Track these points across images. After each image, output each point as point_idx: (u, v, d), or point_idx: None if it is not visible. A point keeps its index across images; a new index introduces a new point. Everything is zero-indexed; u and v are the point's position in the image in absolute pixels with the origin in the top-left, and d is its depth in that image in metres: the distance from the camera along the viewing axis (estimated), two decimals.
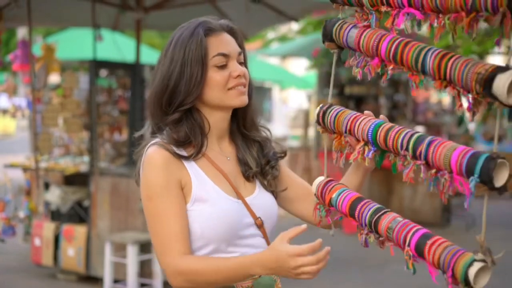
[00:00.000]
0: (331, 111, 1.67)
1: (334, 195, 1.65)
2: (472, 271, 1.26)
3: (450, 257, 1.31)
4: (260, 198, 1.77)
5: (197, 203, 1.66)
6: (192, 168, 1.69)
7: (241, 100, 1.73)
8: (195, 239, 1.66)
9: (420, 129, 10.57)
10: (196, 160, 1.71)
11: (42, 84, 6.45)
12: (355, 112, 1.63)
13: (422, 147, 1.37)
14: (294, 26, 12.55)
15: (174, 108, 1.70)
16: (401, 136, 1.44)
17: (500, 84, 1.21)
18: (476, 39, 6.75)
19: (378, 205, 1.56)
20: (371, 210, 1.54)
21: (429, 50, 1.38)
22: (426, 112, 10.58)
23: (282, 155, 1.87)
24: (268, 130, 1.90)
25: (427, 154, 1.36)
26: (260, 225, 1.73)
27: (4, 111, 12.52)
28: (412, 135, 1.42)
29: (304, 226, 1.54)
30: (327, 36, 1.66)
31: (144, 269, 5.48)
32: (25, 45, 6.28)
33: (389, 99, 9.84)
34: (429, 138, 1.39)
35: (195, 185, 1.67)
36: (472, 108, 1.28)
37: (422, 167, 1.39)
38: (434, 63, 1.34)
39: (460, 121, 12.35)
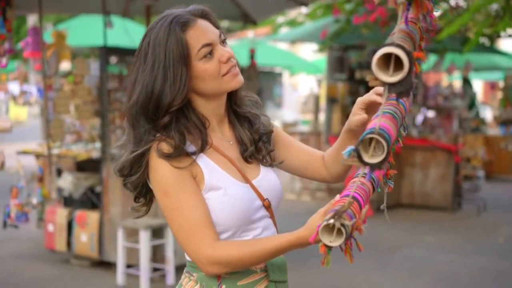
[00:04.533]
0: None
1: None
2: (320, 228, 1.35)
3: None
4: (266, 179, 1.77)
5: (211, 191, 1.66)
6: (201, 158, 1.69)
7: (237, 81, 1.72)
8: None
9: (431, 113, 10.54)
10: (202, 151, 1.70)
11: (53, 71, 6.48)
12: None
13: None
14: (303, 10, 12.49)
15: (163, 113, 1.65)
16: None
17: (373, 60, 1.20)
18: (488, 21, 6.70)
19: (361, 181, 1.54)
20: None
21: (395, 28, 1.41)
22: (437, 96, 10.53)
23: (269, 132, 1.84)
24: (256, 97, 1.89)
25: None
26: (268, 206, 1.75)
27: (15, 98, 12.57)
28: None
29: (336, 197, 1.48)
30: None
31: (157, 254, 5.52)
32: (36, 32, 6.29)
33: None
34: (382, 112, 1.39)
35: (206, 174, 1.67)
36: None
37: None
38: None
39: (471, 104, 12.30)
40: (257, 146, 1.80)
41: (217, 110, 1.76)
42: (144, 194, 1.76)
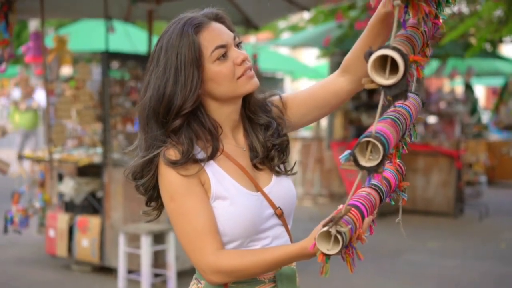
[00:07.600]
0: None
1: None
2: (317, 235, 1.37)
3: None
4: (278, 186, 1.73)
5: (218, 200, 1.63)
6: (210, 165, 1.66)
7: (252, 84, 1.68)
8: None
9: (432, 119, 10.53)
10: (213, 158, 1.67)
11: (55, 76, 6.48)
12: None
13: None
14: (305, 15, 12.50)
15: (173, 116, 1.63)
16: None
17: (369, 62, 1.20)
18: (491, 27, 6.70)
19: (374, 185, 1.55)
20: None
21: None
22: (439, 101, 10.52)
23: (283, 142, 1.77)
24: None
25: None
26: (280, 215, 1.70)
27: (16, 103, 12.57)
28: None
29: (340, 206, 1.45)
30: None
31: (158, 260, 5.51)
32: (37, 37, 6.29)
33: None
34: (383, 118, 1.38)
35: (213, 183, 1.63)
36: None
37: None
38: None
39: (473, 110, 12.28)
40: (269, 155, 1.75)
41: (231, 115, 1.72)
42: (155, 197, 1.73)
